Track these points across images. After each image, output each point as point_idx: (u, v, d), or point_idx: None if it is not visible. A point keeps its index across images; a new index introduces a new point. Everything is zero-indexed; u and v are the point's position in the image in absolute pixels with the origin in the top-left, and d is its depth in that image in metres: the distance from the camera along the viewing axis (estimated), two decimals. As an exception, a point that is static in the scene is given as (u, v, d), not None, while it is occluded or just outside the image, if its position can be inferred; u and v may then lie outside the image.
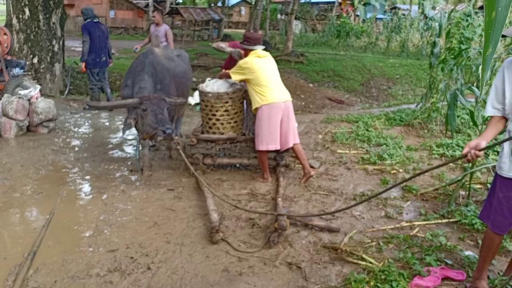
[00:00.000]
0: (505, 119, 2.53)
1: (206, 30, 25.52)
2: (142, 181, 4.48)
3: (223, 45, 5.22)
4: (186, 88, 5.12)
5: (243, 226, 3.60)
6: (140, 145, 4.86)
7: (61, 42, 8.64)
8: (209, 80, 4.93)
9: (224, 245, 3.27)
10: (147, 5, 31.89)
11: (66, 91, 8.32)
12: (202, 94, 4.74)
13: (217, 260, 3.08)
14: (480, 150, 2.35)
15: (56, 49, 8.47)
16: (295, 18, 21.13)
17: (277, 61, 5.05)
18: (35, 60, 8.29)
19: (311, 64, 14.56)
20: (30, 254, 3.03)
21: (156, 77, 4.44)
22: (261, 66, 4.41)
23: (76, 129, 6.48)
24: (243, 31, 26.33)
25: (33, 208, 3.89)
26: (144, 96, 4.10)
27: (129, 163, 5.08)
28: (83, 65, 7.35)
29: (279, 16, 33.07)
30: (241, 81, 4.56)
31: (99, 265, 2.97)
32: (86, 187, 4.36)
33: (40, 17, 8.21)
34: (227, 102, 4.65)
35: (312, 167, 4.98)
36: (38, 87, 6.33)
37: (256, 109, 4.41)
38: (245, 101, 4.89)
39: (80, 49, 8.92)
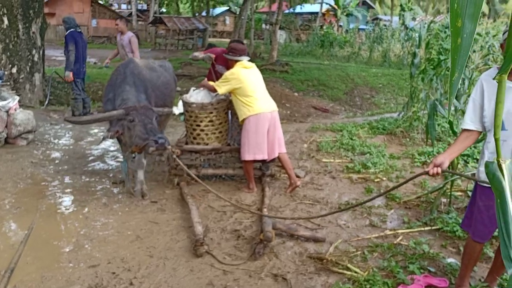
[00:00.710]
0: (478, 134, 2.57)
1: (191, 39, 25.51)
2: (124, 194, 4.40)
3: (197, 53, 5.25)
4: (169, 99, 4.89)
5: (228, 238, 3.56)
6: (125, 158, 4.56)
7: (41, 52, 8.49)
8: (193, 90, 4.90)
9: (208, 258, 3.23)
10: (130, 14, 31.81)
11: (46, 102, 8.16)
12: (186, 104, 4.71)
13: (201, 273, 3.03)
14: (442, 172, 2.42)
15: (36, 58, 8.32)
16: (280, 28, 21.35)
17: (262, 71, 5.07)
18: (14, 70, 8.12)
19: (296, 73, 14.68)
20: (7, 271, 2.92)
21: (139, 87, 4.19)
22: (247, 76, 4.41)
23: (56, 141, 6.35)
24: (227, 40, 26.41)
25: (11, 223, 3.77)
26: (129, 106, 3.85)
27: (111, 175, 4.98)
28: (70, 74, 7.21)
29: (263, 25, 33.39)
30: (227, 92, 4.53)
31: (80, 281, 2.89)
32: (67, 201, 4.26)
33: (20, 26, 8.07)
34: (211, 113, 4.63)
35: (297, 176, 4.98)
36: (17, 97, 6.19)
37: (243, 120, 4.40)
38: (229, 111, 4.88)
39: (61, 58, 8.80)
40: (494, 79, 1.15)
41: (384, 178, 5.02)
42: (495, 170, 1.18)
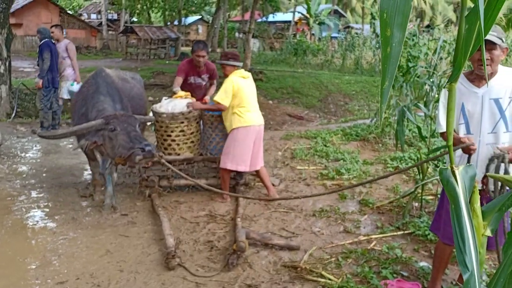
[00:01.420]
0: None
1: (163, 48, 25.27)
2: (94, 207, 4.26)
3: (175, 89, 5.02)
4: (143, 112, 4.75)
5: (201, 250, 3.49)
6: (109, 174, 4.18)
7: (7, 63, 8.20)
8: (165, 99, 4.83)
9: (181, 270, 3.16)
10: (100, 24, 31.30)
11: (13, 114, 7.87)
12: (156, 114, 4.61)
13: (173, 287, 2.96)
14: None
15: (2, 70, 8.03)
16: (253, 37, 21.45)
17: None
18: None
19: (270, 81, 14.77)
20: (-32, 292, 2.78)
21: (114, 97, 3.95)
22: (244, 87, 4.40)
23: (23, 154, 6.10)
24: (202, 49, 26.24)
25: (-27, 241, 3.59)
26: (109, 115, 3.56)
27: (80, 188, 4.82)
28: (40, 81, 7.05)
29: (237, 34, 33.51)
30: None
31: (46, 300, 2.76)
32: (34, 216, 4.08)
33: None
34: (182, 122, 4.56)
35: (272, 184, 4.97)
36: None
37: (232, 129, 4.37)
38: (201, 121, 4.83)
39: (29, 69, 8.54)
40: (444, 87, 1.18)
41: (358, 184, 5.06)
42: (448, 176, 1.20)
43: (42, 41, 7.09)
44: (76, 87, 7.29)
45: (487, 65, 2.50)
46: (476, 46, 1.12)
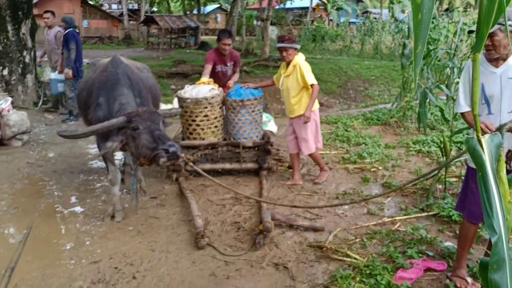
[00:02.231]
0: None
1: (183, 37, 25.42)
2: (124, 190, 4.40)
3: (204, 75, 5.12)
4: (159, 103, 4.58)
5: (228, 230, 3.59)
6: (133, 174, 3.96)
7: (32, 53, 8.42)
8: (187, 86, 4.92)
9: (210, 250, 3.25)
10: (121, 14, 31.56)
11: (40, 103, 8.11)
12: (181, 100, 4.72)
13: (203, 265, 3.05)
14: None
15: (27, 60, 8.25)
16: (271, 24, 21.34)
17: (255, 66, 5.09)
18: (5, 72, 8.05)
19: (289, 68, 14.70)
20: (8, 270, 2.92)
21: (135, 89, 3.71)
22: None
23: (52, 141, 6.31)
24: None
25: (9, 223, 3.76)
26: (131, 112, 3.30)
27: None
28: (70, 71, 7.21)
29: (255, 22, 33.30)
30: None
31: (82, 277, 2.90)
32: (65, 199, 4.26)
33: (9, 28, 8.00)
34: (206, 107, 4.65)
35: (291, 168, 5.02)
36: (10, 99, 6.15)
37: (311, 112, 4.38)
38: (224, 106, 4.90)
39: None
40: (468, 57, 1.21)
41: (380, 168, 5.07)
42: (475, 145, 1.22)
43: (67, 31, 7.22)
44: (54, 75, 7.52)
45: (490, 50, 2.51)
46: (498, 17, 1.15)
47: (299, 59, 4.41)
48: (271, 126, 5.47)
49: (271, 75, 13.60)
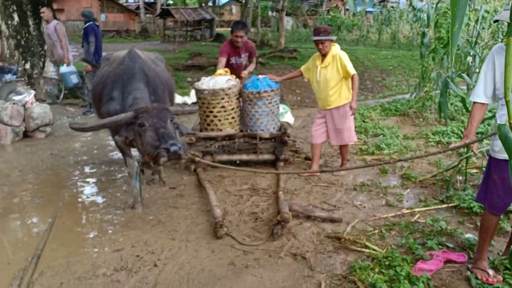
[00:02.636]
0: (487, 106, 2.66)
1: (199, 30, 25.47)
2: (144, 181, 4.48)
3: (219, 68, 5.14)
4: (174, 97, 4.53)
5: (246, 221, 3.63)
6: (136, 173, 3.91)
7: (53, 47, 8.60)
8: (203, 79, 4.96)
9: (228, 239, 3.30)
10: (137, 7, 31.78)
11: (61, 96, 8.28)
12: (198, 91, 4.76)
13: (222, 254, 3.10)
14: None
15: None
16: (286, 15, 21.15)
17: (270, 58, 5.08)
18: (28, 66, 8.25)
19: (305, 59, 14.47)
20: (34, 257, 3.02)
21: (150, 86, 3.64)
22: None
23: (74, 133, 6.45)
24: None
25: (34, 212, 3.88)
26: (140, 108, 3.25)
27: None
28: (89, 65, 7.32)
29: (270, 13, 33.06)
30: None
31: (105, 264, 2.98)
32: (88, 189, 4.37)
33: (30, 22, 8.18)
34: (223, 98, 4.67)
35: (310, 159, 5.02)
36: (32, 92, 6.31)
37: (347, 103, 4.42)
38: (241, 98, 4.91)
39: (73, 53, 8.90)
40: (502, 41, 1.17)
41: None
42: (507, 132, 1.20)
43: (87, 24, 7.33)
44: (64, 69, 7.45)
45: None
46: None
47: (338, 49, 4.39)
48: (288, 117, 5.47)
49: (286, 67, 13.61)
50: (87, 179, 4.63)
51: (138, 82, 3.57)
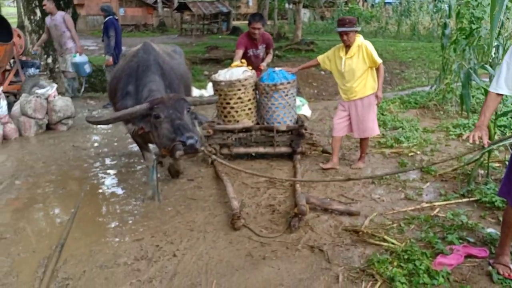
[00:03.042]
0: (501, 97, 2.62)
1: (215, 23, 25.51)
2: (163, 173, 4.55)
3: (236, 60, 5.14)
4: (190, 90, 4.46)
5: (263, 213, 3.65)
6: (153, 166, 3.88)
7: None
8: (220, 71, 4.98)
9: (246, 231, 3.33)
10: (155, 2, 31.95)
11: (82, 89, 8.45)
12: (215, 83, 4.79)
13: (240, 245, 3.13)
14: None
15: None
16: (303, 7, 20.94)
17: (287, 51, 5.07)
18: (50, 60, 8.43)
19: (322, 52, 14.25)
20: (58, 246, 3.12)
21: (165, 77, 3.58)
22: None
23: (94, 126, 6.59)
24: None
25: (57, 202, 3.99)
26: (155, 99, 3.15)
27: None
28: (111, 58, 7.41)
29: (286, 5, 32.74)
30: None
31: (126, 254, 3.05)
32: (109, 180, 4.47)
33: (52, 17, 8.32)
34: (239, 90, 4.69)
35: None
36: (55, 85, 6.45)
37: (372, 94, 4.42)
38: (257, 90, 4.91)
39: (93, 47, 9.03)
40: None
41: (418, 152, 4.95)
42: None
43: (107, 19, 7.43)
44: (78, 59, 7.43)
45: None
46: None
47: (362, 39, 4.36)
48: (305, 110, 5.45)
49: (303, 59, 13.51)
50: (108, 171, 4.73)
51: (153, 74, 3.50)
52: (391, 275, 2.60)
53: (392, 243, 3.03)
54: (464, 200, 3.71)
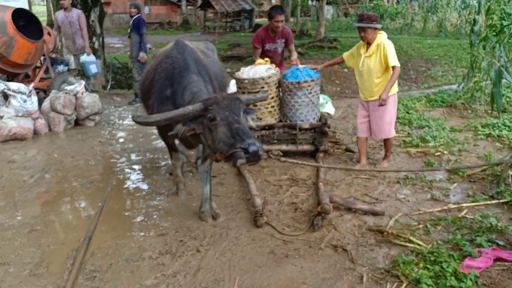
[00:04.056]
0: None
1: (238, 21, 25.60)
2: (186, 169, 4.60)
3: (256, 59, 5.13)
4: (226, 89, 4.25)
5: (286, 211, 3.64)
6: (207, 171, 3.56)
7: (100, 39, 8.95)
8: (243, 69, 4.99)
9: (268, 228, 3.33)
10: (179, 0, 32.29)
11: (109, 86, 8.63)
12: (238, 81, 4.80)
13: (262, 243, 3.14)
14: None
15: (96, 46, 8.78)
16: (327, 3, 20.75)
17: (310, 48, 5.04)
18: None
19: (345, 49, 14.17)
20: (86, 239, 3.20)
21: (204, 77, 3.34)
22: None
23: (120, 122, 6.75)
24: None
25: (85, 196, 4.10)
26: (208, 98, 2.87)
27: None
28: (145, 55, 7.51)
29: (310, 2, 32.51)
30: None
31: (151, 248, 3.10)
32: (134, 176, 4.56)
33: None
34: (263, 87, 4.68)
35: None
36: (83, 82, 6.62)
37: (393, 94, 4.31)
38: (280, 88, 4.89)
39: (119, 45, 9.21)
40: None
41: (445, 152, 4.83)
42: None
43: (137, 16, 7.51)
44: (85, 58, 7.33)
45: None
46: None
47: (383, 38, 4.18)
48: (328, 108, 5.40)
49: (326, 57, 13.40)
50: (133, 166, 4.82)
51: (191, 74, 3.25)
52: (417, 277, 2.56)
53: (418, 244, 2.98)
54: (493, 201, 3.61)
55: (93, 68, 7.52)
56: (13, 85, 5.78)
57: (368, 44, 4.25)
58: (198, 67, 3.36)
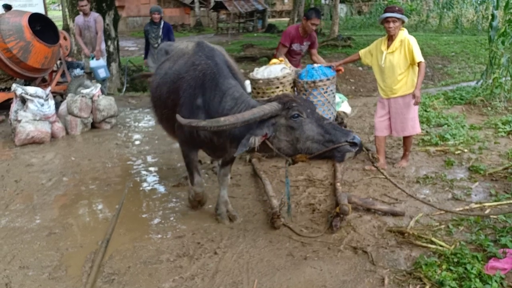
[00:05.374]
0: None
1: (251, 21, 25.63)
2: (202, 171, 4.59)
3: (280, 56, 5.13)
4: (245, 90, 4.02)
5: (303, 212, 3.60)
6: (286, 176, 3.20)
7: (115, 43, 9.04)
8: (257, 69, 4.96)
9: (286, 230, 3.29)
10: (192, 2, 32.47)
11: (124, 89, 8.71)
12: (253, 81, 4.77)
13: (280, 244, 3.11)
14: None
15: (111, 49, 8.88)
16: (340, 2, 20.56)
17: (323, 47, 5.00)
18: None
19: (359, 47, 14.06)
20: (104, 241, 3.21)
21: (236, 78, 3.12)
22: None
23: (136, 124, 6.79)
24: (287, 19, 26.06)
25: (102, 199, 4.12)
26: (283, 95, 2.71)
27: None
28: None
29: (323, 1, 32.32)
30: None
31: (169, 250, 3.10)
32: (151, 178, 4.57)
33: (95, 19, 8.64)
34: (277, 87, 4.65)
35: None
36: (99, 85, 6.68)
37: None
38: (295, 88, 4.85)
39: (133, 48, 9.29)
40: None
41: (466, 150, 4.72)
42: None
43: (164, 22, 7.44)
44: (94, 63, 7.23)
45: None
46: None
47: (406, 34, 4.15)
48: (344, 106, 5.33)
49: (340, 55, 13.28)
50: (150, 168, 4.84)
51: (227, 79, 3.01)
52: (440, 279, 2.49)
53: (440, 246, 2.90)
54: (518, 201, 3.50)
55: (102, 73, 7.44)
56: (31, 89, 5.86)
57: (390, 40, 4.18)
58: (232, 70, 3.16)
